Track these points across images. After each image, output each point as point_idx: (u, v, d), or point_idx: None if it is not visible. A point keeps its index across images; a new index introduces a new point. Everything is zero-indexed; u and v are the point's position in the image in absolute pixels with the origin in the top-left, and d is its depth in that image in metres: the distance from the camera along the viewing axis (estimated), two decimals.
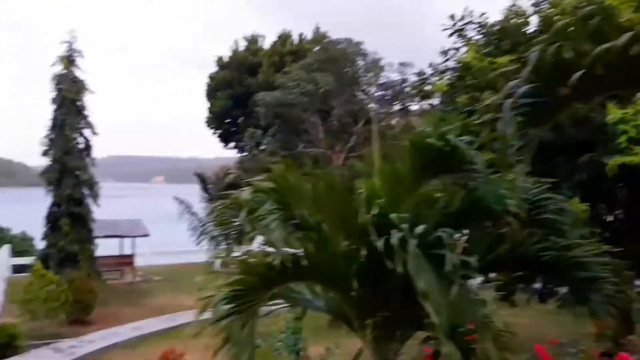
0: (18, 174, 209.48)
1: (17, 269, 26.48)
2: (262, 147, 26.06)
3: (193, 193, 26.94)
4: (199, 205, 25.64)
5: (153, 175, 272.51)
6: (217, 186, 25.23)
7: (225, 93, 34.52)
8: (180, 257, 30.52)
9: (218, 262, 22.75)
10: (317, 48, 31.54)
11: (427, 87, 13.90)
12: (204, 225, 21.56)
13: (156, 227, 26.63)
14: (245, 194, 5.53)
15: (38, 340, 15.28)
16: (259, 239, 5.65)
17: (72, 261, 19.63)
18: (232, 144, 35.30)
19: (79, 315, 17.24)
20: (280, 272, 4.96)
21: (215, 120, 35.12)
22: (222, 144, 35.97)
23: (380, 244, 4.52)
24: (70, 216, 20.61)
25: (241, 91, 34.05)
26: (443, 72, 13.31)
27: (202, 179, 24.84)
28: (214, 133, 35.74)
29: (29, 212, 46.79)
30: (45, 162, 22.02)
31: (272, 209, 5.16)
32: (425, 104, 13.12)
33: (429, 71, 13.87)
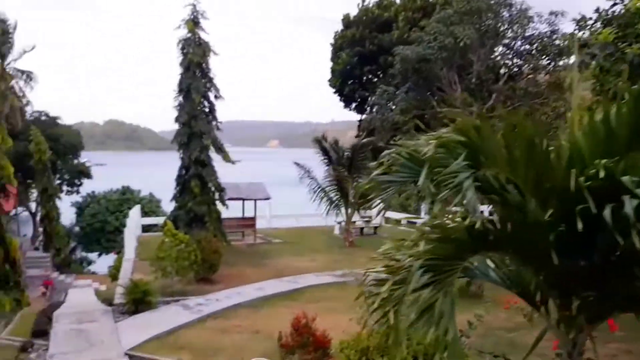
0: (145, 139, 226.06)
1: (146, 228, 28.05)
2: (393, 105, 24.94)
3: (308, 157, 26.64)
4: (317, 169, 25.28)
5: (268, 140, 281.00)
6: (337, 152, 24.66)
7: (351, 52, 33.47)
8: (299, 220, 30.72)
9: (338, 227, 22.14)
10: None
11: (585, 36, 12.14)
12: (323, 189, 21.03)
13: (274, 191, 26.81)
14: (427, 147, 4.61)
15: (167, 297, 15.75)
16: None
17: (199, 222, 20.10)
18: (353, 105, 34.39)
19: (206, 274, 17.58)
20: (479, 239, 4.04)
21: (338, 80, 34.30)
22: (342, 105, 35.14)
23: (607, 212, 3.42)
24: (199, 178, 21.05)
25: (369, 49, 32.85)
26: (608, 19, 11.53)
27: (322, 145, 24.37)
28: (336, 93, 34.96)
29: (155, 175, 49.56)
30: (170, 127, 22.62)
31: (464, 165, 4.18)
32: (581, 57, 11.34)
33: (590, 18, 12.06)
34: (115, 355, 11.17)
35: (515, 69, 25.84)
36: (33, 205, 37.31)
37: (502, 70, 25.64)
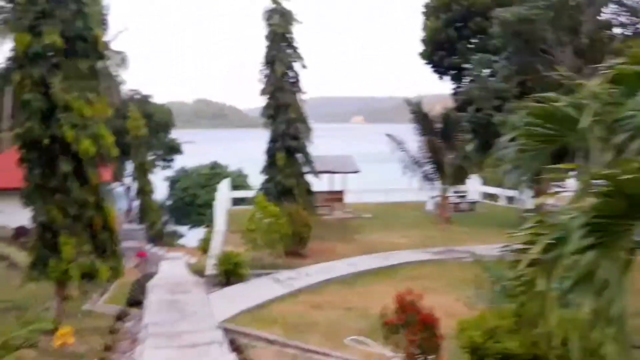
0: (231, 117, 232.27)
1: (235, 201, 28.18)
2: (492, 72, 23.09)
3: (395, 132, 25.40)
4: (409, 143, 24.00)
5: (352, 115, 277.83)
6: (432, 121, 23.29)
7: (442, 18, 31.55)
8: (388, 195, 29.66)
9: (430, 203, 20.50)
10: None
11: None
12: (417, 161, 19.72)
13: (361, 166, 25.90)
14: (593, 82, 3.56)
15: (258, 269, 15.39)
16: None
17: (289, 195, 19.64)
18: (448, 77, 32.31)
19: (295, 247, 17.10)
20: None
21: (429, 50, 32.46)
22: (436, 76, 33.23)
23: None
24: (286, 151, 20.55)
25: (461, 12, 30.76)
26: None
27: (419, 114, 23.05)
28: (428, 64, 33.11)
29: (241, 151, 50.14)
30: (255, 105, 22.18)
31: None
32: None
33: None
34: (208, 327, 10.85)
35: (632, 27, 23.05)
36: (128, 181, 38.79)
37: (616, 30, 22.93)
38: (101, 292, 15.08)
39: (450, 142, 22.83)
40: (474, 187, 28.64)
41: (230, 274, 14.02)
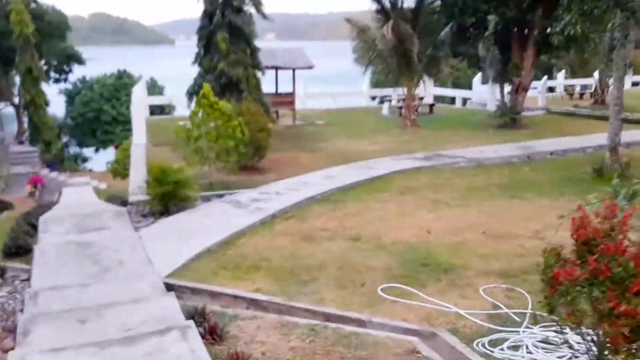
0: (133, 32, 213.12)
1: (153, 111, 23.06)
2: None
3: (308, 50, 21.01)
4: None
5: (264, 33, 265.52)
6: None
7: None
8: (337, 101, 25.66)
9: (386, 107, 16.15)
10: None
11: None
12: (379, 55, 15.23)
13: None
14: None
15: (206, 191, 10.87)
16: None
17: (234, 90, 14.68)
18: None
19: (250, 160, 12.66)
20: None
21: None
22: None
23: None
24: (229, 29, 15.27)
25: None
26: None
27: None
28: None
29: (148, 70, 43.04)
30: (162, 20, 16.54)
31: None
32: None
33: None
34: (149, 287, 6.40)
35: None
36: (16, 100, 31.63)
37: None
38: None
39: (422, 29, 18.61)
40: (428, 89, 25.14)
41: (169, 198, 9.42)
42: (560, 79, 29.32)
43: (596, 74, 26.73)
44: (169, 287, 6.48)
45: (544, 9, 17.25)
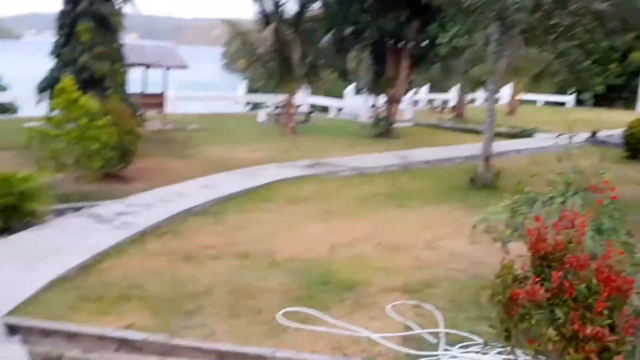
0: None
1: None
2: None
3: None
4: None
5: (127, 33, 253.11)
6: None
7: None
8: (210, 105, 24.31)
9: (262, 114, 15.60)
10: None
11: None
12: (259, 58, 14.60)
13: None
14: None
15: (60, 203, 9.15)
16: None
17: (97, 88, 12.78)
18: None
19: (114, 167, 11.06)
20: None
21: None
22: None
23: None
24: (94, 19, 13.29)
25: None
26: None
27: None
28: None
29: None
30: (9, 11, 14.29)
31: None
32: None
33: None
34: None
35: None
36: None
37: None
38: None
39: (306, 33, 18.11)
40: (302, 98, 24.83)
41: (11, 212, 7.66)
42: (424, 94, 30.57)
43: (454, 90, 28.28)
44: (12, 329, 5.04)
45: (420, 23, 17.59)
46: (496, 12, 9.90)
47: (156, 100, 17.64)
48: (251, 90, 26.63)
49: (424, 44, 18.12)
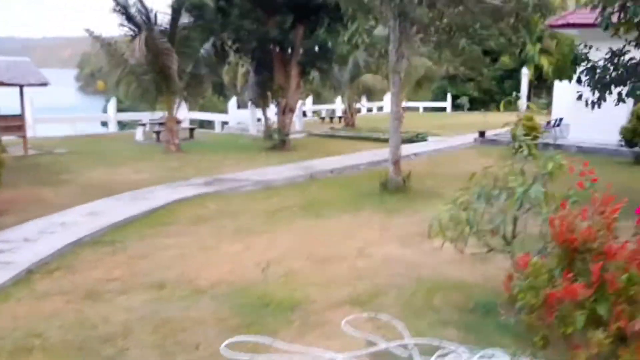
0: None
1: None
2: None
3: None
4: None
5: None
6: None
7: None
8: (76, 127, 21.97)
9: (140, 133, 14.54)
10: None
11: None
12: (133, 72, 13.50)
13: None
14: None
15: None
16: None
17: None
18: None
19: None
20: None
21: None
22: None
23: None
24: None
25: None
26: None
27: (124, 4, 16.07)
28: None
29: None
30: None
31: None
32: None
33: None
34: None
35: None
36: None
37: None
38: None
39: (182, 41, 16.92)
40: (184, 113, 23.52)
41: None
42: (309, 104, 30.55)
43: (339, 100, 28.54)
44: None
45: (305, 28, 17.24)
46: (397, 8, 9.72)
47: (14, 123, 15.35)
48: (120, 109, 24.67)
49: (313, 51, 17.80)
